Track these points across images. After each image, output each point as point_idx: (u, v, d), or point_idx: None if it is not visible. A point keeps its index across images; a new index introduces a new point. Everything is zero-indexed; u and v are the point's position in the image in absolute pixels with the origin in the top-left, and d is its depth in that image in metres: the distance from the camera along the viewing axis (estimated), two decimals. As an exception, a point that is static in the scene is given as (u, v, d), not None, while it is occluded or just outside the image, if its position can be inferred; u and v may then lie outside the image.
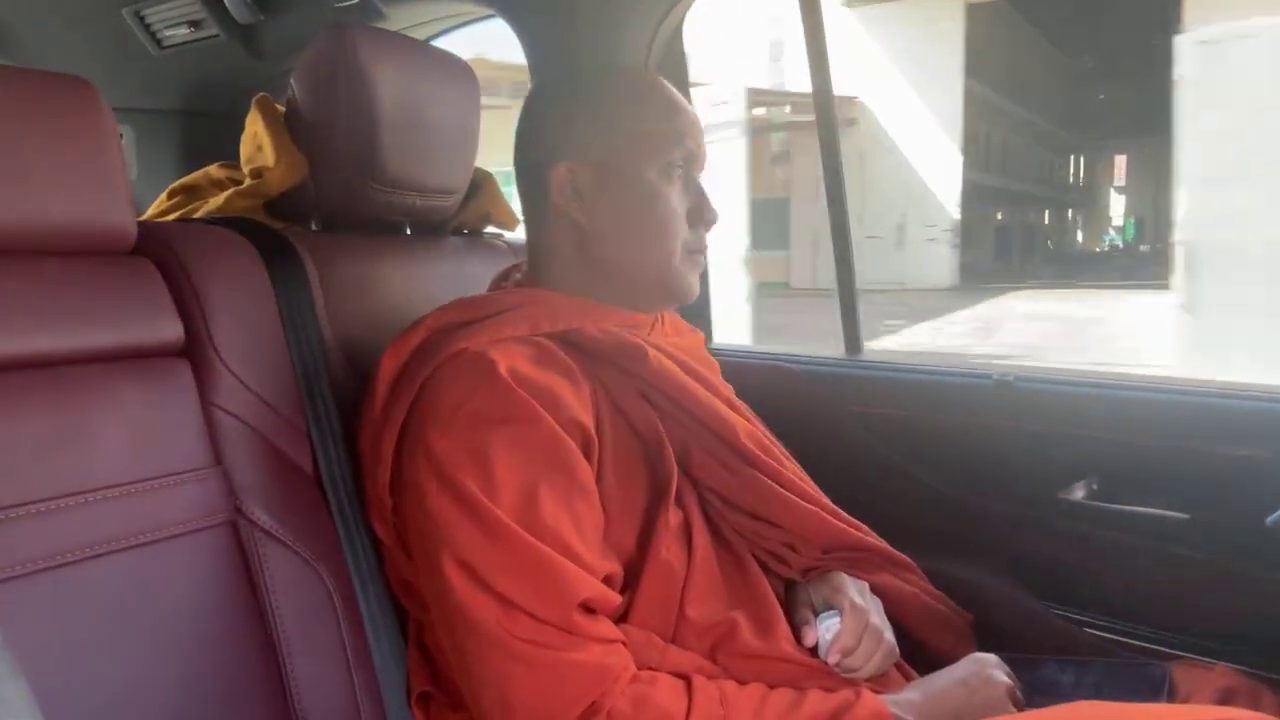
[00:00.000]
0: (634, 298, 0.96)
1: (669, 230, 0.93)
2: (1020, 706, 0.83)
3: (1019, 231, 29.36)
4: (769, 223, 14.71)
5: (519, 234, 1.25)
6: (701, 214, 0.95)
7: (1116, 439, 1.11)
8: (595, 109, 0.94)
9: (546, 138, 0.95)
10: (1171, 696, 0.88)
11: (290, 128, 1.09)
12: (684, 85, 1.44)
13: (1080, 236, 43.06)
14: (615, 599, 0.81)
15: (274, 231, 1.01)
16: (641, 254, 0.93)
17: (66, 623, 0.70)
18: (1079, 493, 1.13)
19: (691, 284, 0.96)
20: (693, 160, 0.95)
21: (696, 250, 0.96)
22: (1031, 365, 1.22)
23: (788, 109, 15.83)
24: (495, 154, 1.28)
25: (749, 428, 0.97)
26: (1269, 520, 0.98)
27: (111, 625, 0.73)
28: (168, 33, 1.72)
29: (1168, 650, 1.05)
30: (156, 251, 0.86)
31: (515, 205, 1.12)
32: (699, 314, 1.51)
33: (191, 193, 1.21)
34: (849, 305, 1.41)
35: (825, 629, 0.87)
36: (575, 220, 0.93)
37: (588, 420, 0.85)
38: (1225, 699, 0.85)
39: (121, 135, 0.84)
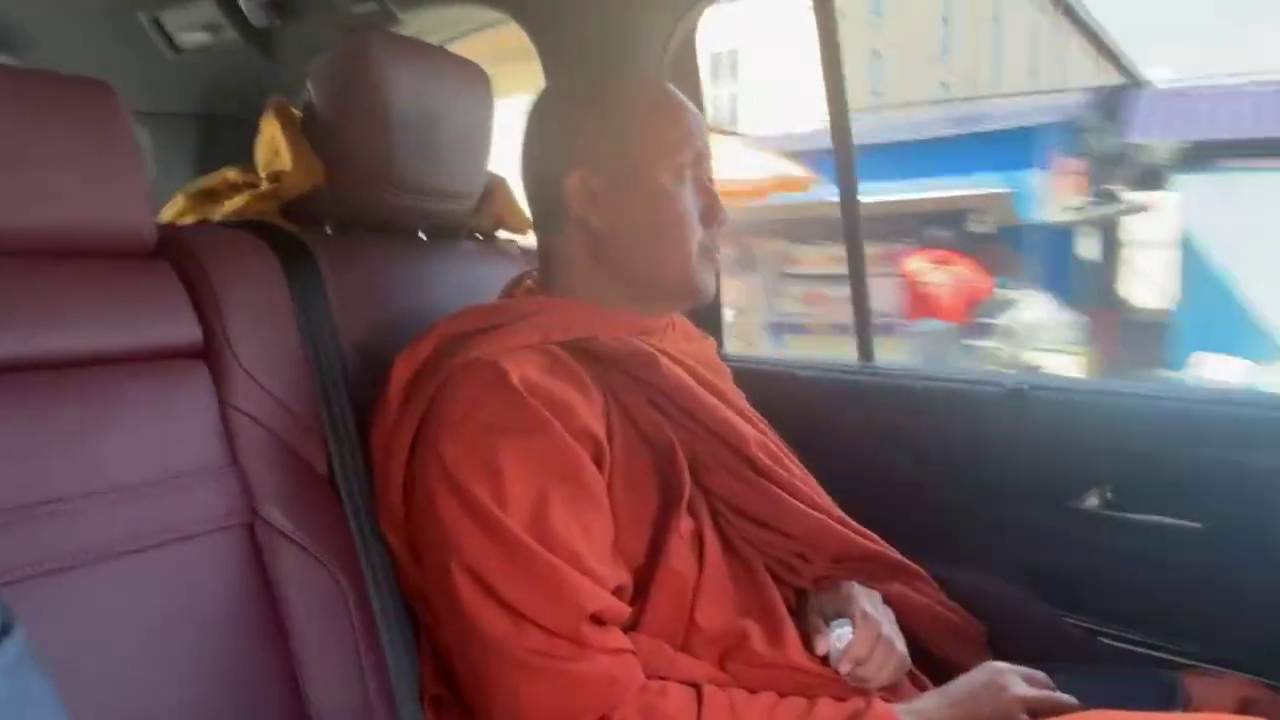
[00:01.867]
0: (651, 301, 0.97)
1: (685, 232, 0.93)
2: (1035, 717, 0.83)
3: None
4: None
5: (531, 238, 1.26)
6: (714, 213, 0.96)
7: (1130, 447, 1.11)
8: (605, 116, 0.94)
9: (557, 146, 0.95)
10: (1186, 706, 0.87)
11: (306, 132, 1.09)
12: (697, 91, 1.44)
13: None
14: (624, 610, 0.81)
15: (290, 235, 1.02)
16: (660, 257, 0.93)
17: (83, 622, 0.70)
18: (1093, 501, 1.12)
19: (709, 283, 0.97)
20: (701, 159, 0.96)
21: (711, 249, 0.96)
22: (1047, 374, 1.21)
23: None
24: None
25: (759, 436, 0.97)
26: None
27: (128, 625, 0.73)
28: (184, 36, 1.72)
29: (1182, 660, 1.04)
30: (175, 254, 0.86)
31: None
32: (710, 319, 1.50)
33: (208, 196, 1.21)
34: (862, 314, 1.40)
35: (837, 638, 0.87)
36: (591, 227, 0.93)
37: (599, 429, 0.85)
38: (1243, 709, 0.85)
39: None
